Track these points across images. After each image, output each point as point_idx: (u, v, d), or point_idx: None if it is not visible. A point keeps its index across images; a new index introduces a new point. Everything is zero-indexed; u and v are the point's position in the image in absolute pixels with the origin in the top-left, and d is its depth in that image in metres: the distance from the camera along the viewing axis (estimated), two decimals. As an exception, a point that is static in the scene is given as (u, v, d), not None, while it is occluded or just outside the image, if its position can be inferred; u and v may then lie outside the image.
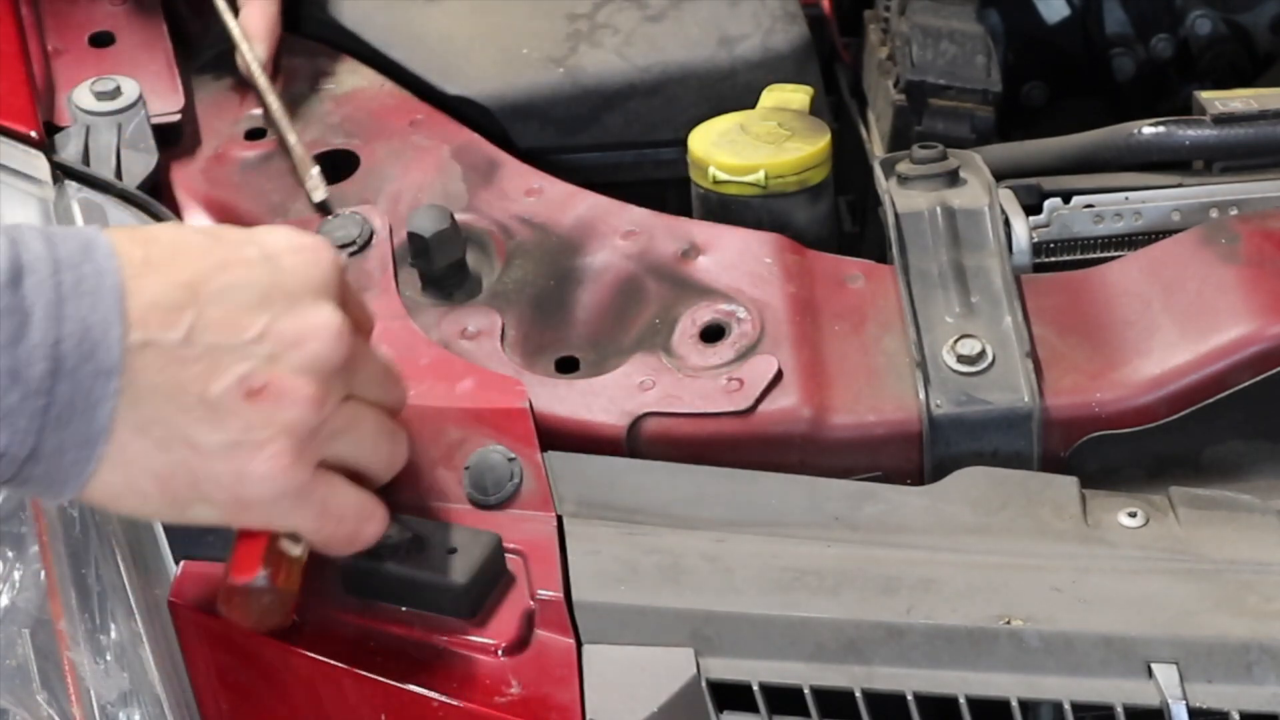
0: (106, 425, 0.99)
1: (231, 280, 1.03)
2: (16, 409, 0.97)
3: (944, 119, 1.49)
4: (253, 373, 1.02)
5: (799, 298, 1.26)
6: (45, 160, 1.33)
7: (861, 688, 1.08)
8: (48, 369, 0.97)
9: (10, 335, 0.96)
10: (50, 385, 0.97)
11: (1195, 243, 1.26)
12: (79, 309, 0.98)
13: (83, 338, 0.98)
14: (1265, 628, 1.08)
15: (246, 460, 1.03)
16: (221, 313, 1.02)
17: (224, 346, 1.02)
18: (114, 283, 0.99)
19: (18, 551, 1.23)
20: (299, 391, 1.03)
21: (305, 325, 1.04)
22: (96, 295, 0.99)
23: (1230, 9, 1.71)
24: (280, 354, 1.03)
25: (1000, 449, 1.20)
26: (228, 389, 1.02)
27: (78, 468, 1.00)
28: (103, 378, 0.98)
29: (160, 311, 1.00)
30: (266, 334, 1.03)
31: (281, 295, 1.04)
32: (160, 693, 1.17)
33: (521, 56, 1.48)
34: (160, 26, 1.50)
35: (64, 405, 0.98)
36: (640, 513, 1.16)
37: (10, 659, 1.22)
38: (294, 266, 1.05)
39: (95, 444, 0.99)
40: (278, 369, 1.03)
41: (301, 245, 1.07)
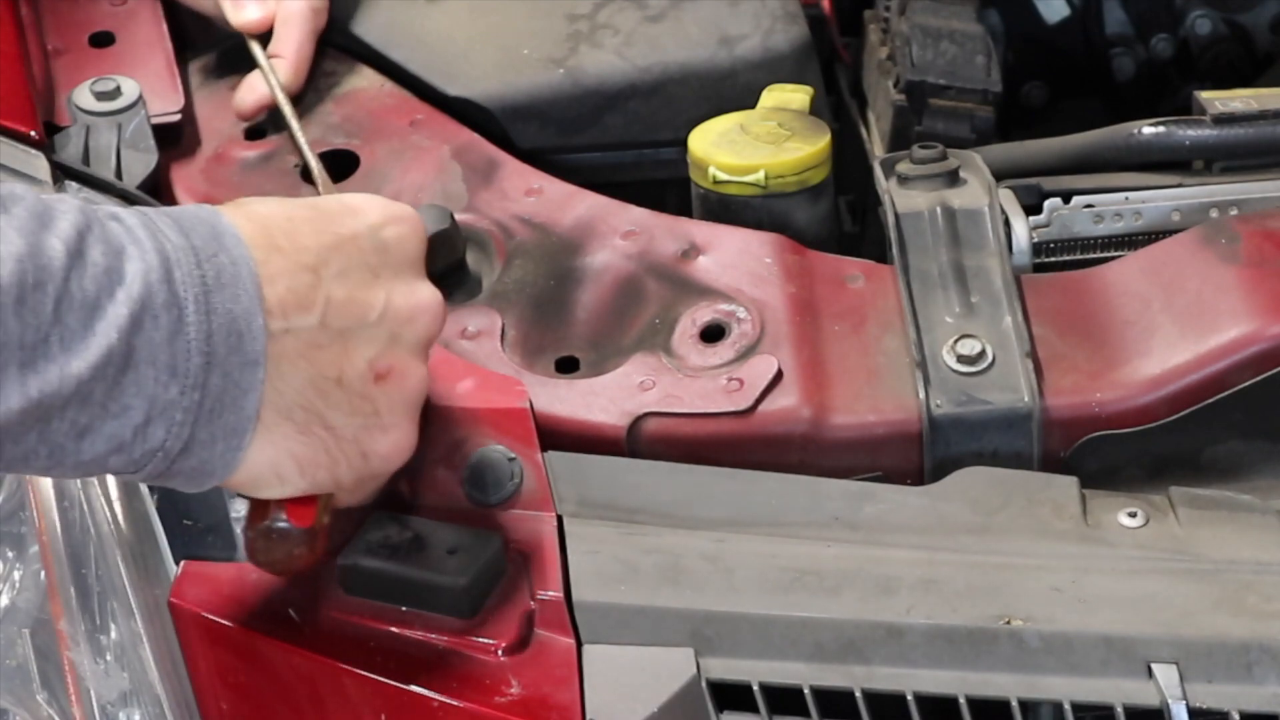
0: (254, 414, 1.01)
1: (347, 260, 1.05)
2: (175, 403, 0.98)
3: (944, 119, 1.49)
4: (379, 355, 1.06)
5: (799, 298, 1.26)
6: (45, 160, 1.33)
7: (861, 688, 1.08)
8: (202, 362, 0.98)
9: (170, 329, 0.97)
10: (204, 379, 0.98)
11: (1195, 243, 1.26)
12: (223, 300, 0.99)
13: (230, 329, 0.99)
14: (1265, 628, 1.08)
15: (375, 440, 1.07)
16: (345, 294, 1.04)
17: (352, 329, 1.05)
18: (249, 271, 1.00)
19: (18, 551, 1.23)
20: (417, 372, 1.09)
21: (415, 303, 1.08)
22: (236, 285, 1.00)
23: (1230, 9, 1.71)
24: (398, 333, 1.07)
25: (1000, 449, 1.20)
26: (360, 373, 1.05)
27: (227, 457, 1.01)
28: (250, 367, 1.00)
29: (295, 297, 1.02)
30: (385, 314, 1.06)
31: (389, 272, 1.07)
32: (160, 693, 1.17)
33: (522, 57, 1.48)
34: (160, 26, 1.50)
35: (216, 397, 0.99)
36: (640, 513, 1.16)
37: (10, 659, 1.22)
38: (396, 239, 1.08)
39: (244, 433, 1.01)
40: (398, 350, 1.07)
41: (398, 216, 1.10)
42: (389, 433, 1.08)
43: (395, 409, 1.08)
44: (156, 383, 0.96)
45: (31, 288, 0.92)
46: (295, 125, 1.41)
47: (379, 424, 1.07)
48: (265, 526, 1.07)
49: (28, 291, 0.92)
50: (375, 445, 1.07)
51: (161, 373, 0.96)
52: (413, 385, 1.09)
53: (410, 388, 1.09)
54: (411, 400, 1.09)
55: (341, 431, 1.05)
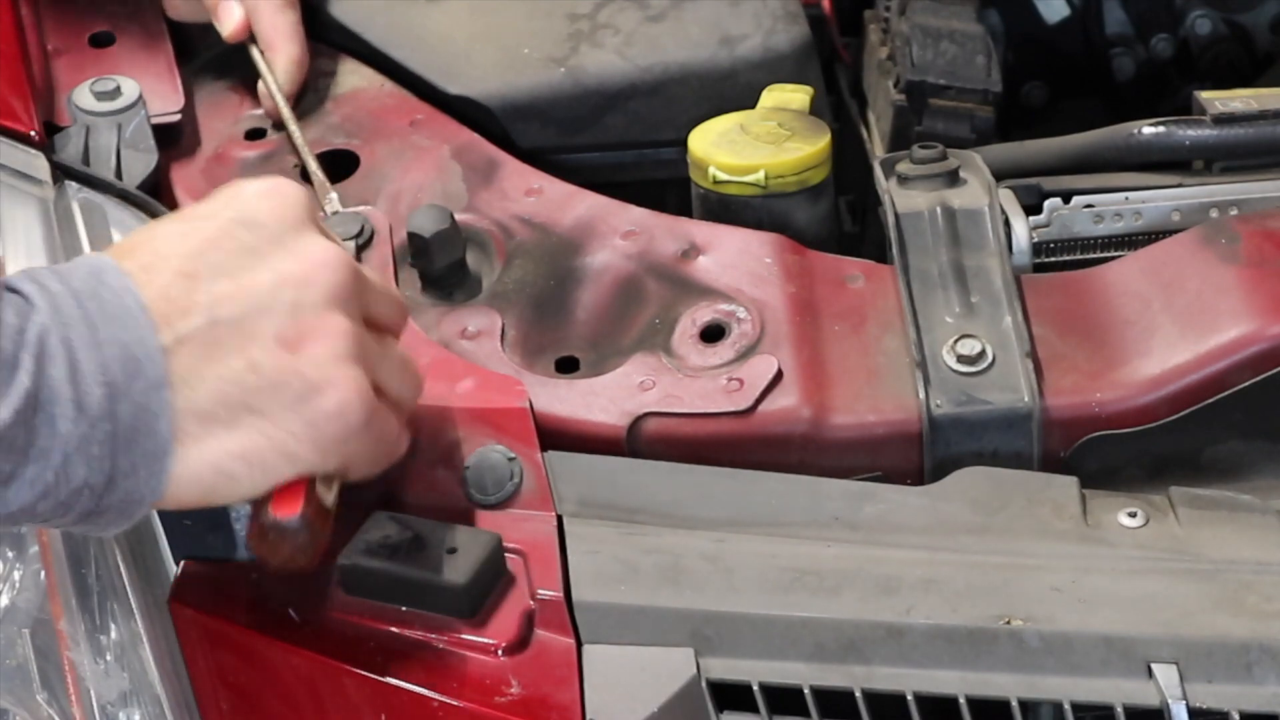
0: (169, 435, 1.01)
1: (222, 252, 1.05)
2: (88, 437, 0.99)
3: (944, 119, 1.49)
4: (283, 326, 1.05)
5: (799, 298, 1.26)
6: (45, 160, 1.33)
7: (861, 688, 1.08)
8: (104, 394, 0.99)
9: (66, 370, 0.99)
10: (110, 409, 0.99)
11: (1195, 243, 1.26)
12: (111, 331, 1.00)
13: (125, 357, 1.00)
14: (1265, 628, 1.08)
15: (315, 405, 1.05)
16: (228, 283, 1.04)
17: (246, 313, 1.04)
18: (134, 298, 1.02)
19: (18, 551, 1.23)
20: (330, 324, 1.06)
21: (306, 261, 1.07)
22: (123, 315, 1.01)
23: (1230, 9, 1.71)
24: (298, 298, 1.06)
25: (1000, 449, 1.20)
26: (268, 350, 1.04)
27: (152, 482, 1.02)
28: (155, 390, 1.01)
29: (175, 306, 1.02)
30: (276, 284, 1.05)
31: (269, 243, 1.06)
32: (160, 693, 1.17)
33: (522, 56, 1.48)
34: (160, 26, 1.50)
35: (128, 425, 1.00)
36: (640, 513, 1.16)
37: (10, 659, 1.22)
38: (268, 212, 1.08)
39: (164, 455, 1.02)
40: (303, 313, 1.05)
41: (264, 190, 1.09)
42: (326, 390, 1.05)
43: (322, 366, 1.05)
44: (64, 419, 0.98)
45: None
46: (294, 127, 1.41)
47: (311, 387, 1.05)
48: (259, 527, 1.06)
49: None
50: (319, 408, 1.05)
51: (68, 409, 0.98)
52: (334, 338, 1.06)
53: (332, 342, 1.06)
54: (340, 351, 1.06)
55: (275, 412, 1.04)
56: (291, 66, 1.45)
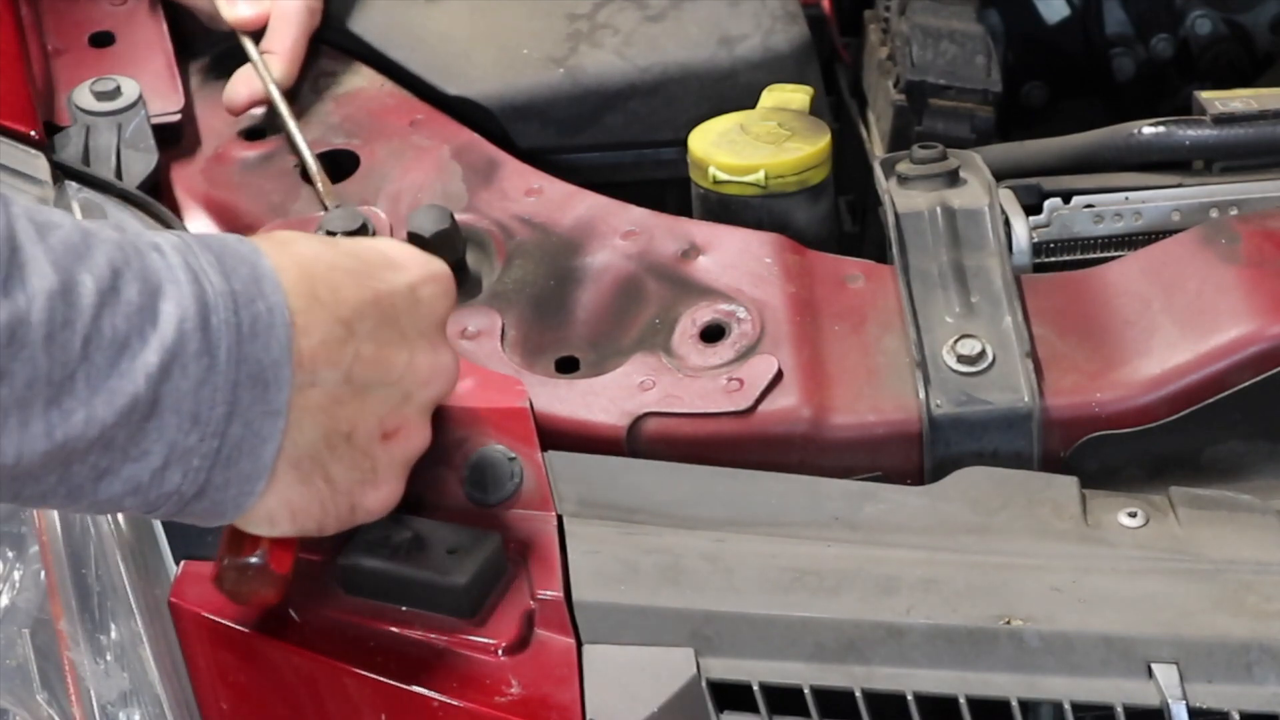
0: (270, 463, 1.00)
1: (381, 315, 1.05)
2: (194, 449, 0.97)
3: (944, 119, 1.49)
4: (390, 414, 1.06)
5: (799, 298, 1.26)
6: (45, 160, 1.33)
7: (861, 688, 1.08)
8: (225, 412, 0.97)
9: (198, 378, 0.96)
10: (225, 427, 0.98)
11: (1195, 243, 1.26)
12: (255, 349, 0.98)
13: (257, 379, 0.98)
14: (1265, 628, 1.08)
15: (367, 495, 1.07)
16: (373, 350, 1.04)
17: (372, 385, 1.04)
18: (284, 320, 0.99)
19: (18, 551, 1.23)
20: (422, 432, 1.09)
21: (435, 366, 1.08)
22: (270, 334, 0.99)
23: (1230, 9, 1.71)
24: (412, 394, 1.07)
25: (1000, 449, 1.20)
26: (370, 430, 1.05)
27: (238, 501, 1.01)
28: (271, 418, 0.99)
29: (326, 352, 1.01)
30: (405, 374, 1.06)
31: (416, 332, 1.07)
32: (160, 693, 1.17)
33: (522, 57, 1.48)
34: (160, 26, 1.50)
35: (234, 445, 0.99)
36: (640, 513, 1.16)
37: (10, 659, 1.22)
38: (430, 299, 1.08)
39: (258, 480, 1.01)
40: (408, 409, 1.07)
41: (435, 275, 1.10)
42: (380, 489, 1.08)
43: (393, 467, 1.08)
44: (178, 430, 0.96)
45: (60, 325, 0.91)
46: (291, 122, 1.41)
47: (374, 480, 1.07)
48: (242, 562, 1.07)
49: (57, 329, 0.91)
50: (365, 500, 1.07)
51: (184, 420, 0.96)
52: (414, 445, 1.09)
53: (412, 447, 1.09)
54: (409, 459, 1.09)
55: (339, 485, 1.05)
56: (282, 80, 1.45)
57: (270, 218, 1.37)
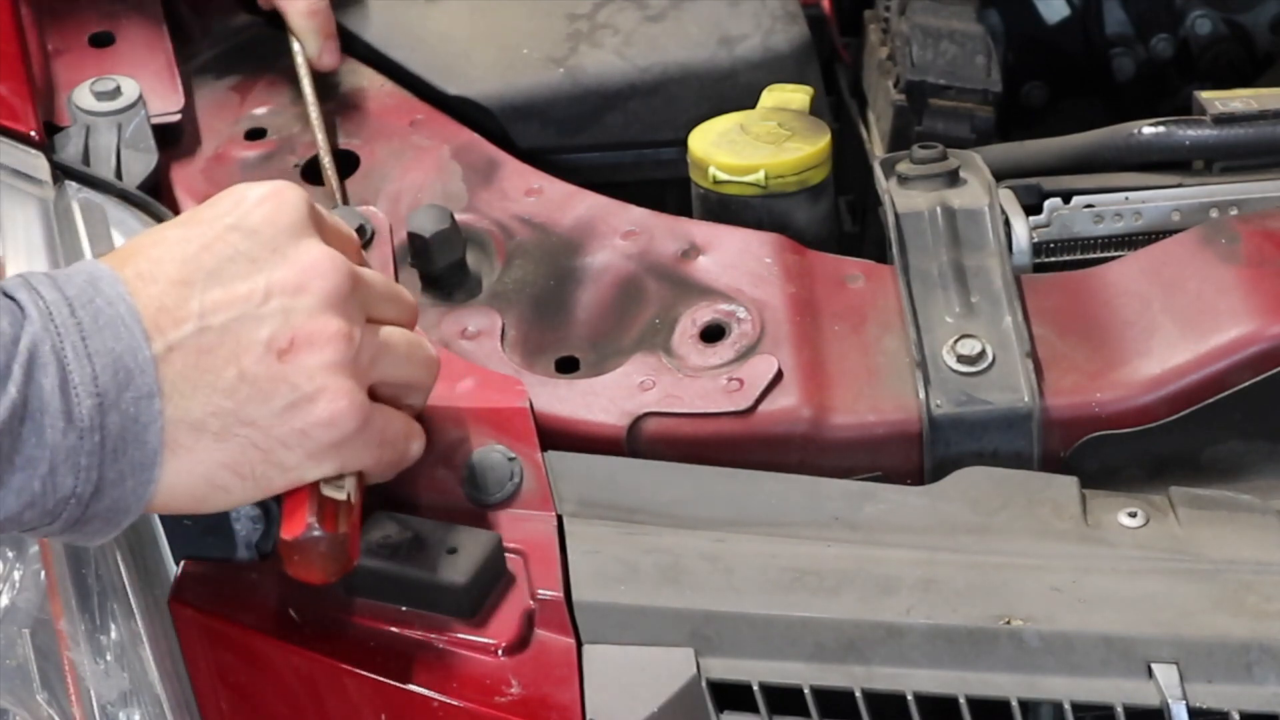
0: (158, 445, 1.01)
1: (216, 257, 1.05)
2: (76, 448, 0.99)
3: (944, 119, 1.49)
4: (275, 333, 1.04)
5: (799, 298, 1.26)
6: (45, 160, 1.33)
7: (861, 688, 1.08)
8: (94, 405, 0.99)
9: (57, 377, 0.99)
10: (100, 420, 0.99)
11: (1195, 243, 1.26)
12: (103, 341, 1.00)
13: (116, 367, 1.00)
14: (1265, 628, 1.08)
15: (306, 414, 1.05)
16: (221, 291, 1.04)
17: (237, 320, 1.04)
18: (129, 307, 1.02)
19: (18, 551, 1.23)
20: (324, 331, 1.05)
21: (299, 268, 1.06)
22: (117, 324, 1.01)
23: (1230, 9, 1.71)
24: (291, 305, 1.05)
25: (1000, 449, 1.20)
26: (258, 358, 1.04)
27: (139, 491, 1.02)
28: (145, 400, 1.01)
29: (168, 313, 1.02)
30: (269, 291, 1.05)
31: (265, 250, 1.06)
32: (160, 693, 1.17)
33: (522, 57, 1.48)
34: (160, 26, 1.50)
35: (116, 436, 1.00)
36: (640, 513, 1.16)
37: (10, 659, 1.22)
38: (264, 217, 1.07)
39: (152, 465, 1.01)
40: (295, 318, 1.05)
41: (263, 194, 1.09)
42: (317, 400, 1.05)
43: (315, 375, 1.05)
44: (54, 430, 0.98)
45: None
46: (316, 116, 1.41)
47: (302, 396, 1.05)
48: (281, 552, 1.06)
49: None
50: (309, 417, 1.05)
51: (57, 420, 0.98)
52: (327, 346, 1.05)
53: (325, 349, 1.05)
54: (332, 360, 1.05)
55: (265, 422, 1.04)
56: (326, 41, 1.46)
57: (270, 218, 1.36)
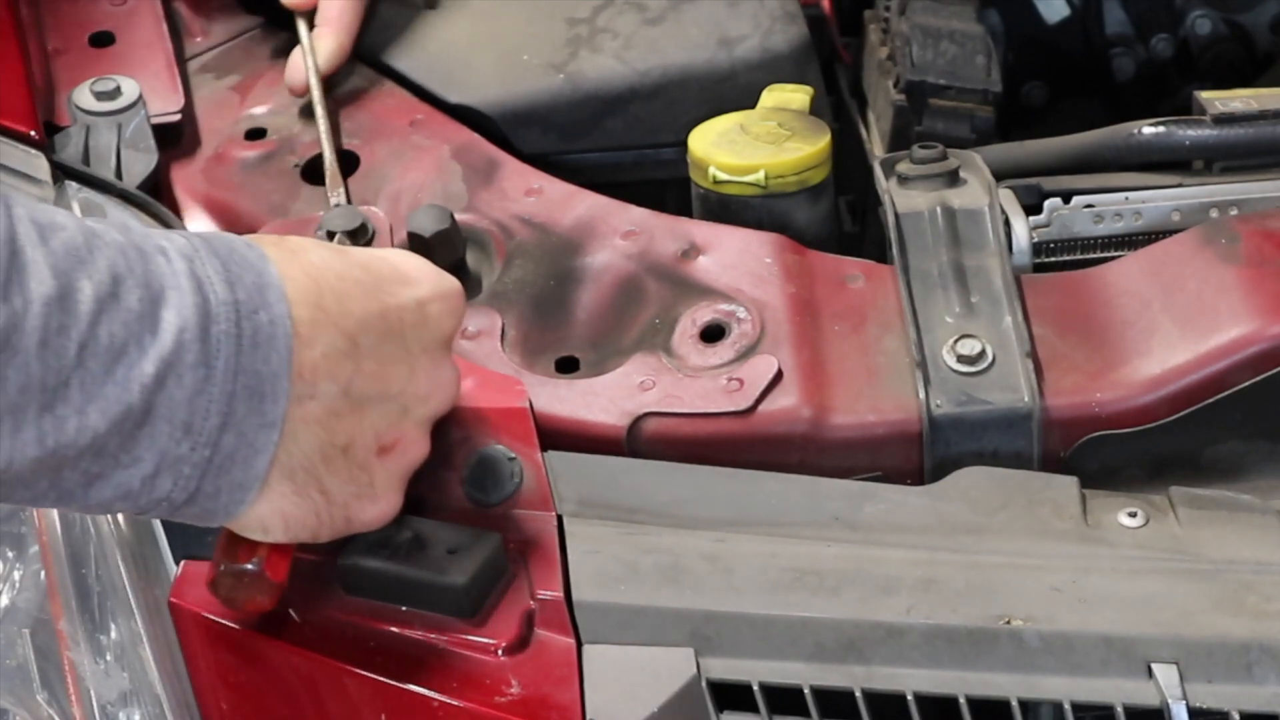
0: (263, 474, 1.00)
1: (386, 330, 1.04)
2: (185, 458, 0.97)
3: (944, 119, 1.49)
4: (387, 429, 1.06)
5: (799, 298, 1.26)
6: (45, 160, 1.34)
7: (861, 688, 1.08)
8: (219, 423, 0.97)
9: (194, 389, 0.96)
10: (218, 437, 0.97)
11: (1195, 243, 1.26)
12: (254, 361, 0.97)
13: (254, 391, 0.98)
14: (1265, 628, 1.08)
15: (363, 509, 1.07)
16: (374, 365, 1.04)
17: (370, 399, 1.04)
18: (286, 332, 0.99)
19: (18, 551, 1.23)
20: (419, 446, 1.09)
21: (436, 381, 1.08)
22: (270, 346, 0.98)
23: (1230, 9, 1.71)
24: (410, 408, 1.07)
25: (1000, 449, 1.20)
26: (367, 444, 1.05)
27: (229, 508, 1.01)
28: (266, 430, 0.99)
29: (328, 363, 1.01)
30: (405, 388, 1.06)
31: (420, 348, 1.07)
32: (160, 693, 1.17)
33: (522, 63, 1.48)
34: (160, 26, 1.50)
35: (227, 455, 0.98)
36: (640, 513, 1.16)
37: (10, 659, 1.22)
38: (438, 316, 1.08)
39: (250, 489, 1.01)
40: (405, 424, 1.07)
41: (446, 292, 1.09)
42: (377, 502, 1.07)
43: (390, 481, 1.08)
44: (170, 438, 0.96)
45: (56, 331, 0.91)
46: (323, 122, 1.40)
47: (370, 494, 1.07)
48: (238, 568, 1.07)
49: (51, 335, 0.91)
50: (362, 513, 1.07)
51: (177, 429, 0.96)
52: (411, 458, 1.09)
53: (408, 461, 1.08)
54: (406, 472, 1.09)
55: (335, 497, 1.05)
56: (334, 53, 1.45)
57: (270, 218, 1.37)
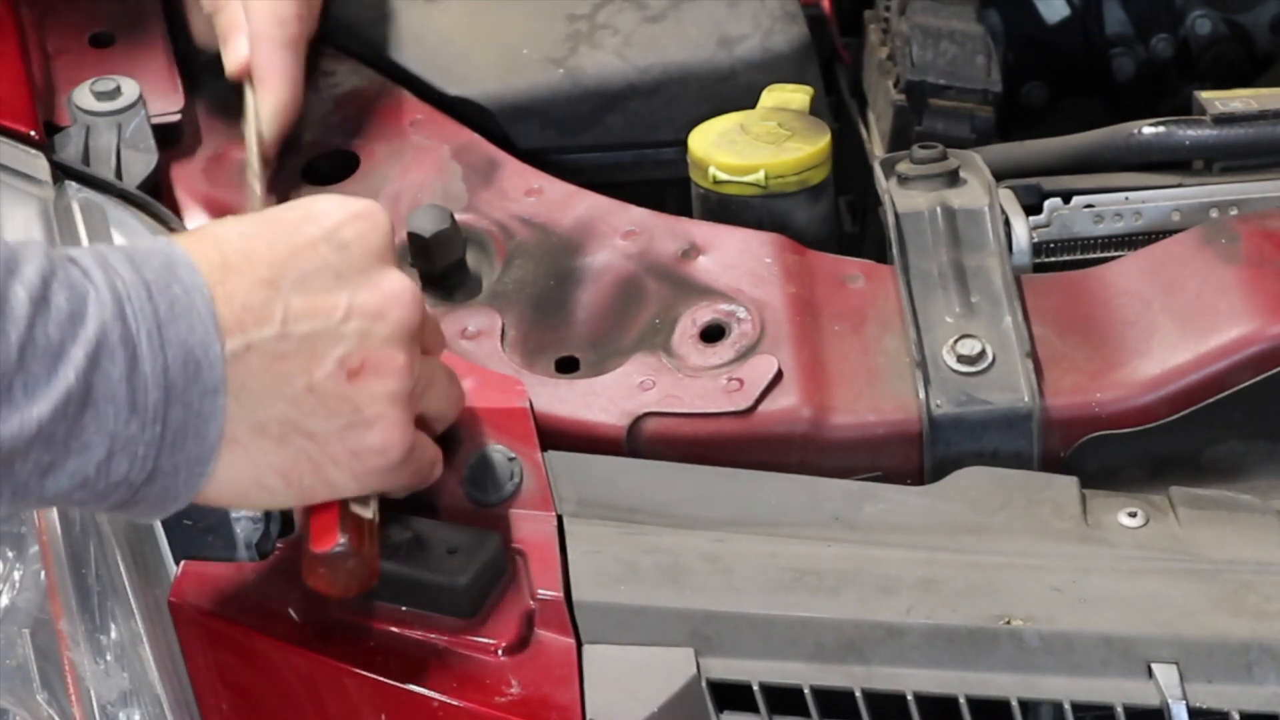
0: (217, 441, 1.01)
1: (306, 266, 1.05)
2: (136, 438, 0.98)
3: (944, 119, 1.49)
4: (349, 354, 1.05)
5: (799, 298, 1.26)
6: (45, 160, 1.33)
7: (861, 688, 1.08)
8: (160, 396, 0.98)
9: (126, 365, 0.97)
10: (164, 412, 0.99)
11: (1195, 243, 1.26)
12: (177, 331, 0.99)
13: (186, 360, 0.99)
14: (1265, 628, 1.08)
15: (361, 438, 1.06)
16: (305, 300, 1.04)
17: (317, 333, 1.04)
18: (205, 299, 1.01)
19: (18, 551, 1.23)
20: (393, 362, 1.07)
21: (383, 295, 1.07)
22: (191, 314, 1.00)
23: (1230, 9, 1.71)
24: (369, 329, 1.06)
25: (1000, 449, 1.20)
26: (330, 374, 1.04)
27: (190, 483, 1.02)
28: (210, 396, 1.00)
29: (252, 310, 1.02)
30: (350, 312, 1.05)
31: (352, 270, 1.07)
32: (160, 693, 1.17)
33: (521, 57, 1.48)
34: (160, 26, 1.50)
35: (177, 429, 1.00)
36: (640, 513, 1.16)
37: (10, 659, 1.22)
38: (356, 237, 1.08)
39: (207, 460, 1.01)
40: (370, 344, 1.06)
41: (357, 213, 1.09)
42: (374, 427, 1.06)
43: (377, 402, 1.06)
44: (116, 419, 0.97)
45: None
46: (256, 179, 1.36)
47: (362, 420, 1.06)
48: (307, 563, 1.07)
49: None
50: (363, 442, 1.06)
51: (121, 409, 0.97)
52: (391, 376, 1.07)
53: (389, 379, 1.07)
54: (395, 390, 1.07)
55: (323, 436, 1.05)
56: (279, 110, 1.39)
57: (270, 218, 1.36)
